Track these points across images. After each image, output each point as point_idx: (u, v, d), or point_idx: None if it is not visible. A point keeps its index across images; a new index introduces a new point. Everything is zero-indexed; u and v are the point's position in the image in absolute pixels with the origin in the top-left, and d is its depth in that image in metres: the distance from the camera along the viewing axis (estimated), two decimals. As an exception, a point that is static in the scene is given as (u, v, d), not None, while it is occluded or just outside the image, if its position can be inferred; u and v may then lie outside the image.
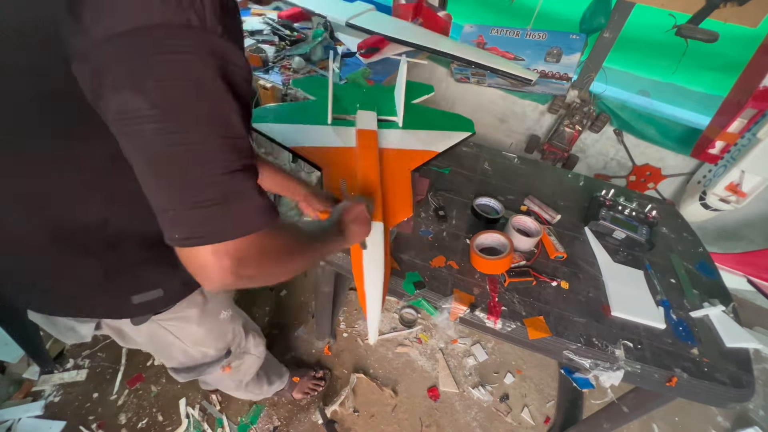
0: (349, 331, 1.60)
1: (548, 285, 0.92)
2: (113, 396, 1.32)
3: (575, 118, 1.79)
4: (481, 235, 0.95)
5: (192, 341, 0.79)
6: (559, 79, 1.76)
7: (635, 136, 1.79)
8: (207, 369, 0.86)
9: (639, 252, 1.07)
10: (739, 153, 1.47)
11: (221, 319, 0.83)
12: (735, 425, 1.50)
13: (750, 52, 1.43)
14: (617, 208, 1.11)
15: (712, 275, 1.05)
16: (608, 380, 0.80)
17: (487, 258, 0.89)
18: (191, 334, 0.78)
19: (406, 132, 1.19)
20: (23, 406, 1.25)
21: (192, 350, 0.81)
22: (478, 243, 0.94)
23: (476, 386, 1.48)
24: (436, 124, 1.25)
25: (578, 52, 1.68)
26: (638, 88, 1.98)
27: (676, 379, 0.78)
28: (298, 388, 1.34)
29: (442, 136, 1.21)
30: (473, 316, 0.84)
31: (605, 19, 1.61)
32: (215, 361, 0.87)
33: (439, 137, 1.20)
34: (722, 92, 1.56)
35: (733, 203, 1.52)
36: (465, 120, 1.29)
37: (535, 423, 1.41)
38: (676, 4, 1.43)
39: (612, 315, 0.88)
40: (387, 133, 1.17)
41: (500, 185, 1.21)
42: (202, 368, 0.86)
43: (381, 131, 1.15)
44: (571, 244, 1.04)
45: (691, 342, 0.85)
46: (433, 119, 1.28)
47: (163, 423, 1.27)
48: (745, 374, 0.81)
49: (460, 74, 1.92)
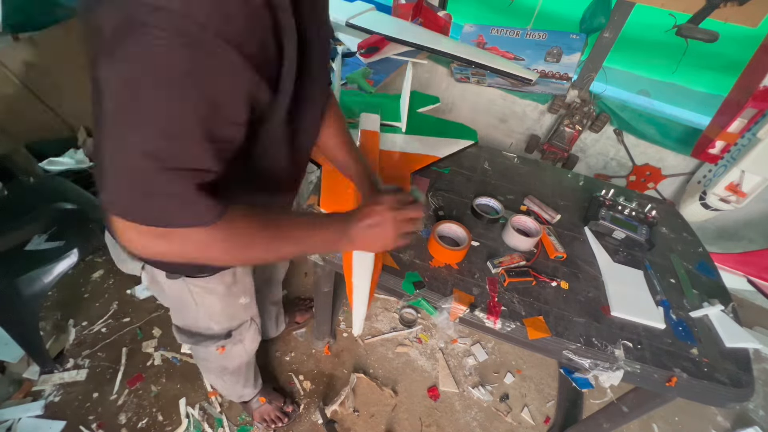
0: (349, 330, 1.60)
1: (548, 285, 0.92)
2: (113, 396, 1.32)
3: (575, 117, 1.79)
4: (444, 224, 0.97)
5: (207, 312, 0.83)
6: (559, 78, 1.76)
7: (635, 136, 1.79)
8: (204, 341, 0.90)
9: (639, 252, 1.06)
10: (739, 153, 1.47)
11: (239, 304, 0.87)
12: (735, 425, 1.50)
13: (750, 52, 1.43)
14: (617, 208, 1.11)
15: (712, 275, 1.05)
16: (608, 380, 0.80)
17: (445, 247, 0.90)
18: (209, 306, 0.82)
19: (409, 137, 1.20)
20: (23, 406, 1.25)
21: (202, 320, 0.85)
22: (439, 231, 0.96)
23: (476, 386, 1.49)
24: (439, 132, 1.26)
25: (578, 51, 1.68)
26: (638, 88, 1.98)
27: (675, 379, 0.78)
28: (262, 410, 1.27)
29: (445, 142, 1.21)
30: (473, 316, 0.84)
31: (605, 18, 1.61)
32: (214, 338, 0.90)
33: (442, 143, 1.21)
34: (722, 92, 1.56)
35: (733, 203, 1.52)
36: (468, 129, 1.30)
37: (535, 423, 1.41)
38: (676, 4, 1.42)
39: (612, 315, 0.88)
40: (390, 136, 1.18)
41: (500, 185, 1.21)
42: (200, 339, 0.89)
43: (384, 134, 1.16)
44: (570, 244, 1.04)
45: (690, 342, 0.85)
46: (436, 127, 1.29)
47: (163, 423, 1.27)
48: (745, 374, 0.81)
49: (460, 74, 1.92)
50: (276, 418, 1.28)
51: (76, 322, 1.49)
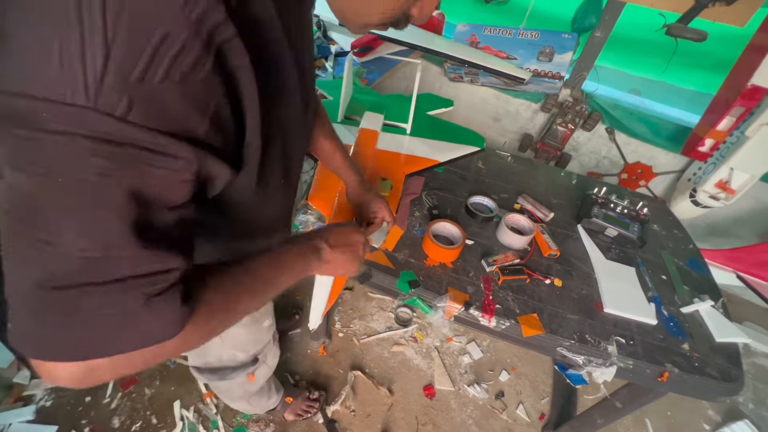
0: (345, 330, 1.60)
1: (542, 282, 0.93)
2: (106, 399, 1.30)
3: (568, 116, 1.81)
4: (439, 223, 0.97)
5: (232, 344, 0.80)
6: (552, 78, 1.77)
7: (627, 135, 1.81)
8: (231, 374, 0.85)
9: (631, 249, 1.08)
10: (728, 150, 1.49)
11: (263, 327, 0.84)
12: (726, 419, 1.52)
13: (738, 51, 1.45)
14: (609, 205, 1.12)
15: (702, 271, 1.07)
16: (601, 376, 0.81)
17: (440, 245, 0.90)
18: (234, 337, 0.78)
19: (415, 139, 1.19)
20: (14, 411, 1.23)
21: (226, 353, 0.81)
22: (434, 229, 0.96)
23: (472, 384, 1.49)
24: (446, 136, 1.25)
25: (570, 51, 1.69)
26: (629, 87, 2.00)
27: (667, 374, 0.79)
28: (291, 409, 1.29)
29: (451, 147, 1.20)
30: (468, 314, 0.84)
31: (596, 18, 1.62)
32: (241, 367, 0.86)
33: (446, 148, 1.20)
34: (711, 90, 1.58)
35: (723, 200, 1.55)
36: (476, 136, 1.29)
37: (530, 420, 1.42)
38: (666, 4, 1.44)
39: (604, 311, 0.89)
40: (396, 137, 1.17)
41: (494, 184, 1.21)
42: (227, 372, 0.84)
43: (389, 135, 1.15)
44: (564, 242, 1.05)
45: (681, 337, 0.87)
46: (444, 131, 1.28)
47: (157, 426, 1.26)
48: (735, 368, 0.82)
49: (453, 73, 1.92)
50: (308, 408, 1.32)
51: (67, 326, 1.47)
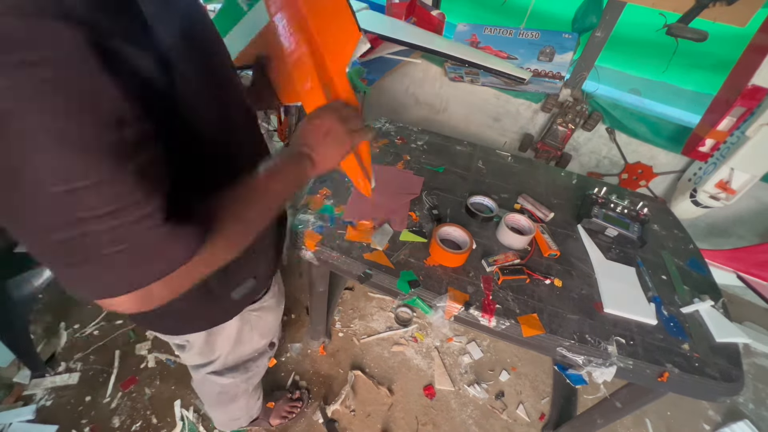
0: (345, 330, 1.60)
1: (542, 282, 0.93)
2: (106, 399, 1.30)
3: (568, 116, 1.80)
4: (445, 227, 0.97)
5: (260, 332, 0.81)
6: (552, 77, 1.76)
7: (627, 135, 1.80)
8: (253, 364, 0.86)
9: (631, 249, 1.08)
10: (728, 151, 1.49)
11: (281, 309, 0.86)
12: (726, 419, 1.52)
13: (738, 51, 1.45)
14: (609, 205, 1.12)
15: (703, 271, 1.07)
16: (601, 376, 0.81)
17: (447, 250, 0.90)
18: (264, 325, 0.79)
19: None
20: (14, 411, 1.24)
21: (248, 346, 0.81)
22: (440, 234, 0.95)
23: (472, 384, 1.49)
24: None
25: (571, 51, 1.69)
26: (630, 87, 2.00)
27: (667, 375, 0.79)
28: (275, 413, 1.25)
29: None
30: (468, 314, 0.84)
31: (597, 18, 1.62)
32: (262, 354, 0.87)
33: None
34: (712, 91, 1.58)
35: (723, 200, 1.54)
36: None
37: (530, 420, 1.42)
38: (667, 4, 1.44)
39: (604, 311, 0.89)
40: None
41: (494, 184, 1.21)
42: (250, 365, 0.85)
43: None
44: (564, 242, 1.05)
45: (681, 337, 0.87)
46: None
47: (157, 425, 1.26)
48: (735, 368, 0.82)
49: (453, 73, 1.92)
50: (291, 409, 1.28)
51: (67, 325, 1.48)
